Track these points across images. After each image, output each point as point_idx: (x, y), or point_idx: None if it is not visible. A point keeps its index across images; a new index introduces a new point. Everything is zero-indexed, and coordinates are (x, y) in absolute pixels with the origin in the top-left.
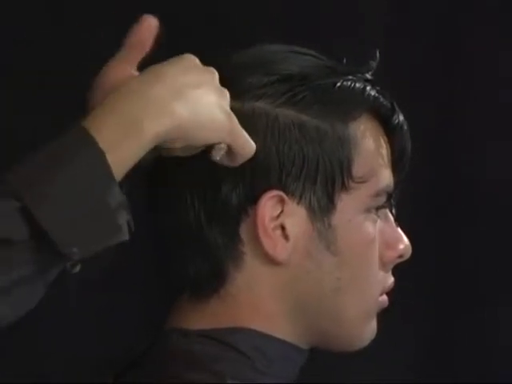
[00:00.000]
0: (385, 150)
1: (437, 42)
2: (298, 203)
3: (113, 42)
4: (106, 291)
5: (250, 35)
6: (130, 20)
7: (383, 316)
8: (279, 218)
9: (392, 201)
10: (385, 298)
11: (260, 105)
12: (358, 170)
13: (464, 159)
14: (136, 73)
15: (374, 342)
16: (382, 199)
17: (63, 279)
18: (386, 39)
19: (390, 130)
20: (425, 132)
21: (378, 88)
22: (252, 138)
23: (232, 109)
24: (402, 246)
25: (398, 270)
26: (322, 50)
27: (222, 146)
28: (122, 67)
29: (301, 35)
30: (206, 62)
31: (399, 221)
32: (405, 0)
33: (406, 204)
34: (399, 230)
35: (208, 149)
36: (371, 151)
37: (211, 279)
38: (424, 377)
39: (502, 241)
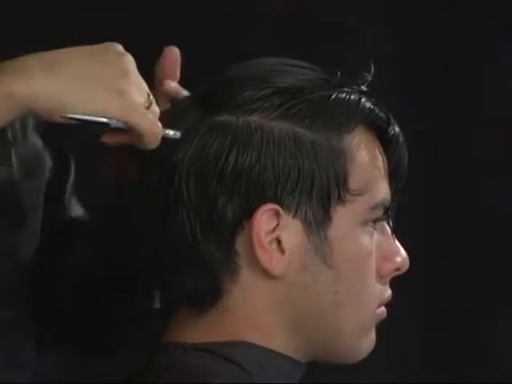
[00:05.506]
0: (381, 162)
1: (439, 48)
2: (293, 216)
3: None
4: None
5: (251, 46)
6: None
7: (387, 323)
8: (275, 231)
9: (389, 213)
10: (383, 309)
11: (255, 118)
12: (354, 182)
13: (465, 170)
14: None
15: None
16: (379, 212)
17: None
18: (389, 45)
19: (385, 142)
20: (426, 140)
21: (373, 100)
22: (247, 152)
23: (226, 123)
24: (399, 259)
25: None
26: (323, 61)
27: (111, 121)
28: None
29: (301, 47)
30: (200, 76)
31: (399, 232)
32: (404, 10)
33: (409, 211)
34: (397, 242)
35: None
36: (367, 163)
37: (208, 293)
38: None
39: (501, 248)
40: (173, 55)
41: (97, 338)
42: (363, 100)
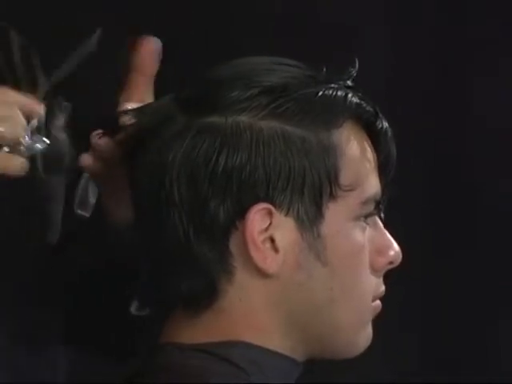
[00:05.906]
0: (370, 156)
1: (439, 48)
2: (286, 215)
3: None
4: None
5: (251, 46)
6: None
7: (387, 323)
8: (268, 230)
9: (380, 206)
10: (378, 302)
11: (243, 118)
12: (345, 178)
13: (465, 170)
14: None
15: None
16: (370, 207)
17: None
18: (389, 45)
19: (374, 136)
20: (426, 140)
21: (359, 94)
22: (237, 153)
23: (215, 124)
24: (392, 253)
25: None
26: (323, 61)
27: None
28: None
29: (301, 47)
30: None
31: (398, 232)
32: (404, 10)
33: (409, 211)
34: (389, 236)
35: None
36: (357, 158)
37: (204, 294)
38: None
39: (501, 248)
40: (149, 45)
41: (96, 338)
42: (350, 95)
